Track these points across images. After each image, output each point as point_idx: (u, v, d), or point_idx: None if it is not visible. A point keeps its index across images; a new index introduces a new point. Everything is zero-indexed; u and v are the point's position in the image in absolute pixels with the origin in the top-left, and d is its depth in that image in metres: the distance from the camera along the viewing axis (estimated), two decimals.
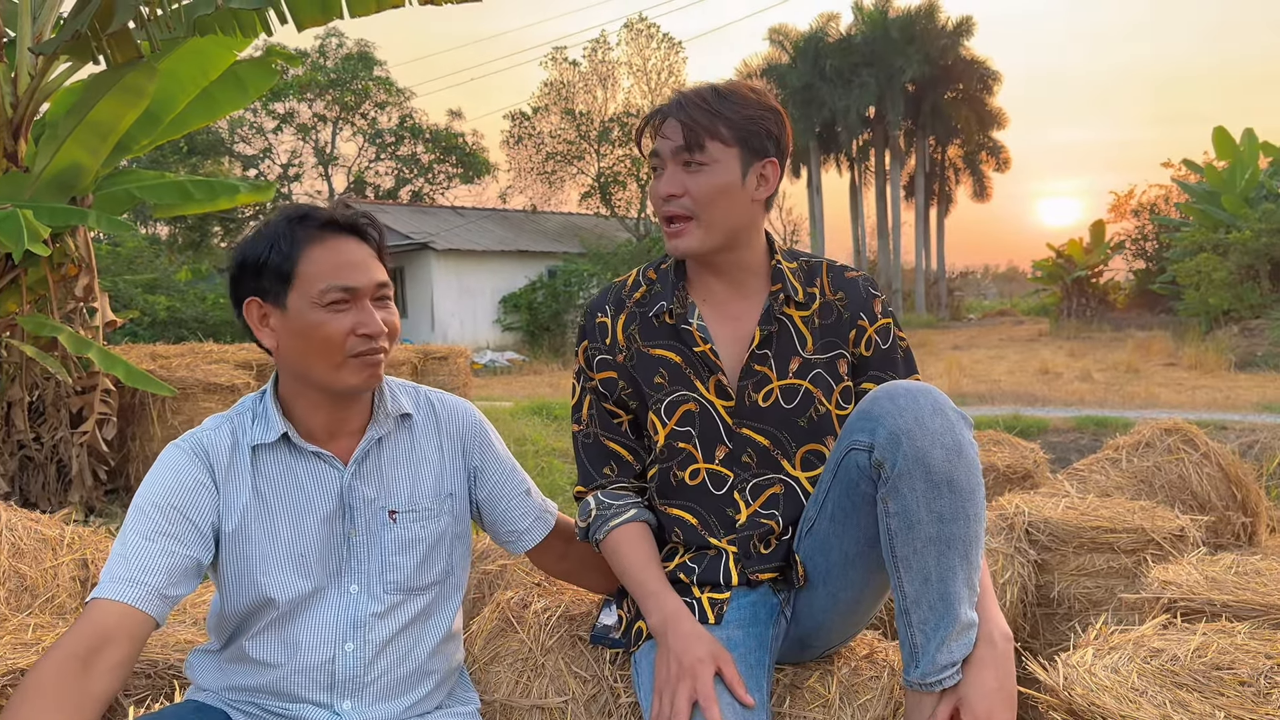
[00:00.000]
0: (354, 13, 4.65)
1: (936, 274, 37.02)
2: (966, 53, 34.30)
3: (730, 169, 1.67)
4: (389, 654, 1.58)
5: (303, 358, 1.51)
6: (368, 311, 1.50)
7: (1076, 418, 8.07)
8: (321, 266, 1.48)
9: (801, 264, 1.79)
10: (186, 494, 1.49)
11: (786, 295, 1.74)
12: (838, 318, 1.76)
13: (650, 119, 1.73)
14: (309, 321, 1.48)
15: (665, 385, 1.74)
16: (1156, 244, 24.09)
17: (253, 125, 30.08)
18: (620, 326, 1.79)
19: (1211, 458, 3.48)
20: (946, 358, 15.92)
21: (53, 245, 5.17)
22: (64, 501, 5.25)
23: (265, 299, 1.51)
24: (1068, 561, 2.85)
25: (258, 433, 1.55)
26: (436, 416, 1.70)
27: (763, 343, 1.72)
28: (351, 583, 1.57)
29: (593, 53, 29.31)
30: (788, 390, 1.72)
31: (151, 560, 1.43)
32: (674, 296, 1.74)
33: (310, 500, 1.56)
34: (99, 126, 5.01)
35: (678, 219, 1.68)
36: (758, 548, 1.72)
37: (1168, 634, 1.78)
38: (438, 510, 1.64)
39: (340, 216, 1.53)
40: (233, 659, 1.57)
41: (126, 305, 15.77)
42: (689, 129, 1.65)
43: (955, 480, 1.45)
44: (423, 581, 1.62)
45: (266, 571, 1.53)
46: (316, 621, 1.55)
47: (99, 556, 2.78)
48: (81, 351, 5.01)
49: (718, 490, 1.73)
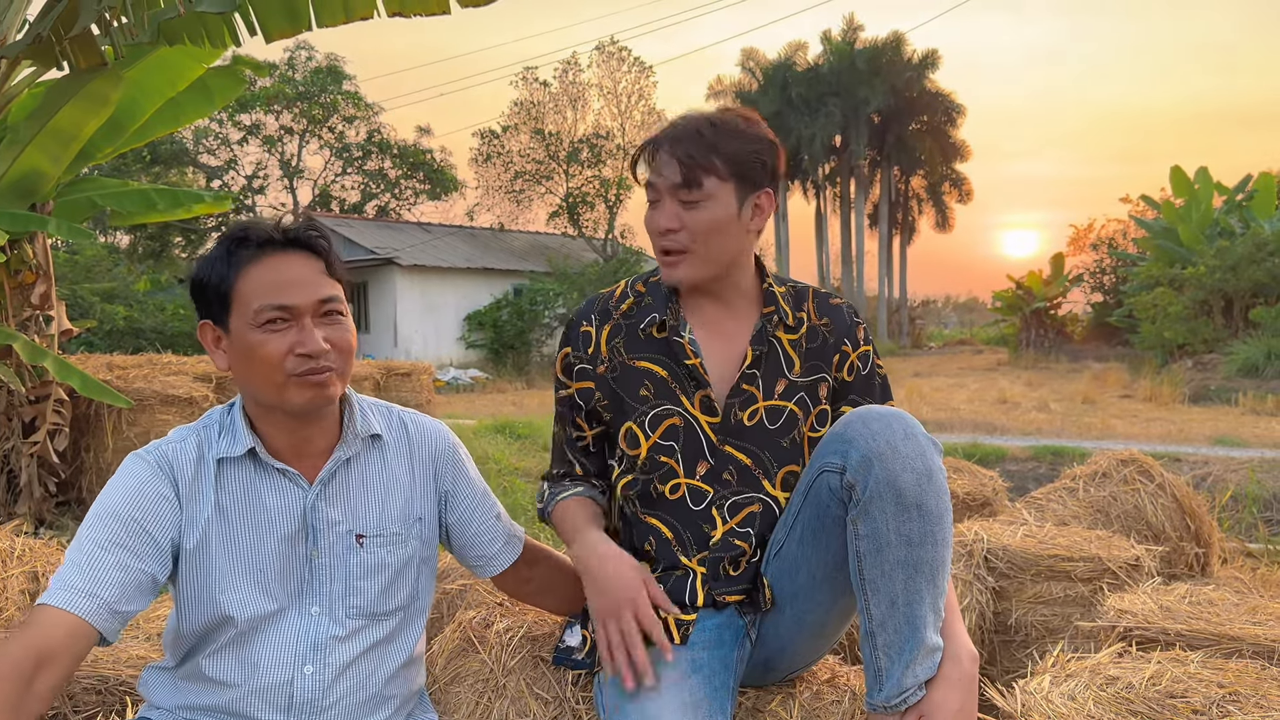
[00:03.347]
0: (322, 23, 4.62)
1: (899, 302, 37.46)
2: (931, 85, 34.92)
3: (727, 204, 1.68)
4: (348, 678, 1.55)
5: (248, 379, 1.49)
6: (307, 330, 1.46)
7: (1034, 447, 8.17)
8: (257, 286, 1.45)
9: (790, 288, 1.82)
10: (148, 506, 1.46)
11: (779, 318, 1.75)
12: (823, 342, 1.78)
13: (644, 149, 1.73)
14: (248, 343, 1.45)
15: (650, 398, 1.74)
16: (1114, 277, 24.57)
17: (218, 136, 29.79)
18: (605, 337, 1.78)
19: (1166, 489, 3.54)
20: (907, 385, 16.07)
21: (10, 252, 5.08)
22: (13, 513, 5.12)
23: (215, 322, 1.50)
24: (1025, 589, 2.89)
25: (224, 446, 1.52)
26: (409, 438, 1.66)
27: (754, 363, 1.73)
28: (313, 604, 1.54)
29: (563, 74, 29.38)
30: (773, 411, 1.73)
31: (105, 572, 1.39)
32: (667, 309, 1.75)
33: (271, 518, 1.52)
34: (61, 133, 4.93)
35: (673, 251, 1.70)
36: (727, 570, 1.72)
37: (1123, 662, 1.81)
38: (405, 535, 1.61)
39: (279, 233, 1.49)
40: (188, 677, 1.54)
41: (84, 314, 15.52)
42: (686, 167, 1.65)
43: (925, 504, 1.47)
44: (387, 607, 1.59)
45: (225, 588, 1.49)
46: (276, 642, 1.52)
47: (49, 569, 2.72)
48: (36, 360, 4.91)
49: (696, 506, 1.73)
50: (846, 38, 34.49)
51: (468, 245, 27.67)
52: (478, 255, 26.91)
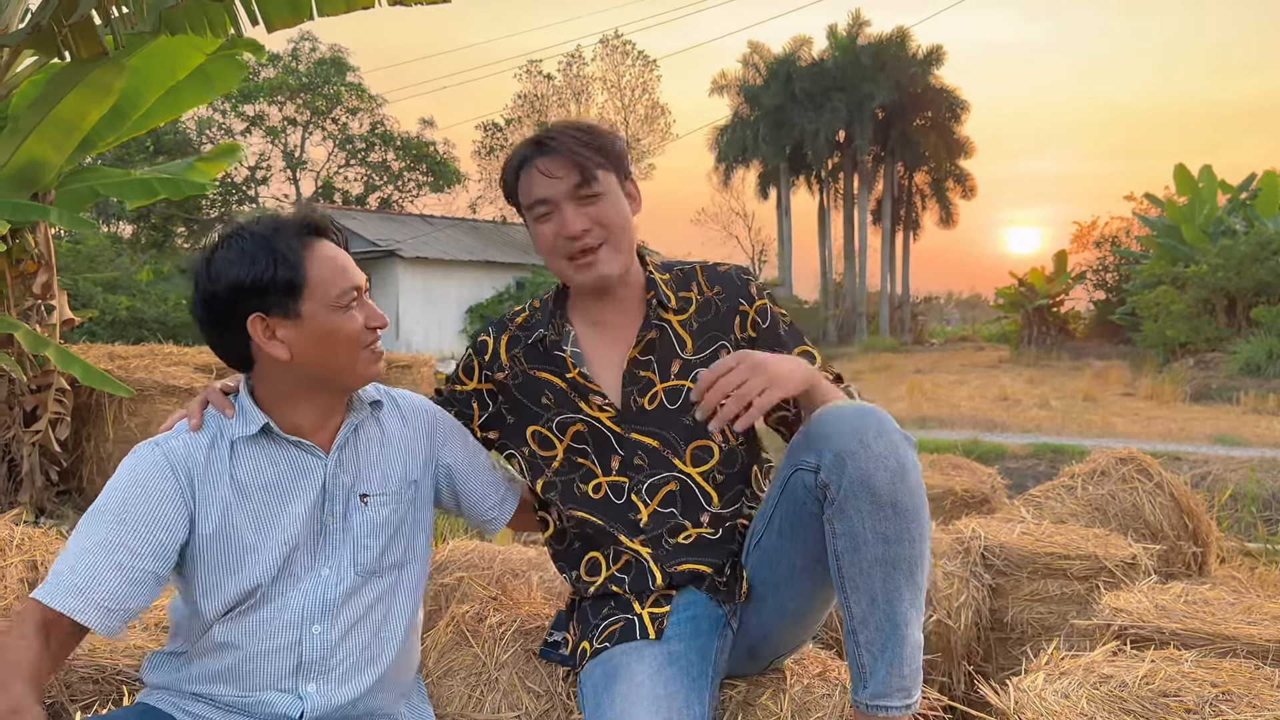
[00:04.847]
0: (323, 12, 4.61)
1: (901, 298, 37.39)
2: (936, 81, 34.80)
3: (617, 193, 1.75)
4: (353, 637, 1.60)
5: (324, 359, 1.54)
6: (370, 306, 1.58)
7: (1034, 444, 8.18)
8: (327, 271, 1.53)
9: (676, 273, 1.86)
10: (152, 502, 1.48)
11: (660, 301, 1.79)
12: (717, 311, 1.81)
13: (520, 170, 1.75)
14: (329, 324, 1.52)
15: (552, 406, 1.80)
16: (1117, 275, 24.52)
17: (221, 126, 29.79)
18: (504, 346, 1.85)
19: (1165, 488, 3.54)
20: (909, 381, 16.07)
21: (12, 241, 5.09)
22: (14, 502, 5.14)
23: (270, 313, 1.51)
24: (1022, 586, 2.89)
25: (237, 427, 1.56)
26: (400, 408, 1.75)
27: (645, 349, 1.77)
28: (324, 566, 1.59)
29: (567, 66, 29.41)
30: (671, 392, 1.77)
31: (99, 570, 1.41)
32: (550, 324, 1.81)
33: (293, 489, 1.57)
34: (63, 122, 4.93)
35: (590, 250, 1.72)
36: (670, 541, 1.74)
37: (1117, 660, 1.81)
38: (402, 495, 1.68)
39: (318, 219, 1.57)
40: (198, 650, 1.57)
41: (86, 304, 15.53)
42: (581, 163, 1.69)
43: (899, 502, 1.47)
44: (385, 563, 1.64)
45: (253, 562, 1.53)
46: (288, 605, 1.56)
47: (48, 559, 2.72)
48: (38, 350, 4.91)
49: (618, 500, 1.77)
50: (851, 32, 34.40)
51: (470, 238, 27.67)
52: (480, 248, 26.91)
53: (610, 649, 1.66)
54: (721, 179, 37.75)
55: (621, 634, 1.68)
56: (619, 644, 1.66)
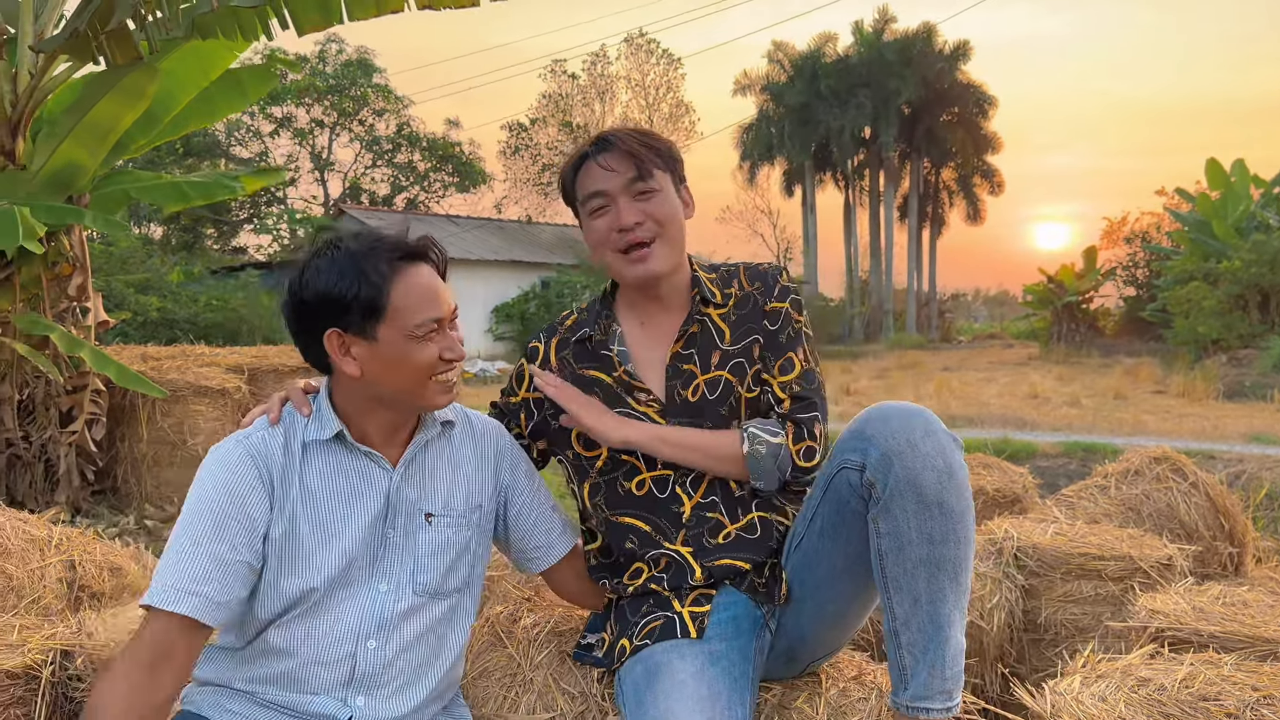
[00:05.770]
0: (353, 16, 4.65)
1: (928, 295, 37.16)
2: (963, 76, 34.55)
3: (671, 192, 1.79)
4: (408, 656, 1.61)
5: (391, 383, 1.55)
6: (450, 338, 1.57)
7: (1065, 443, 8.10)
8: (410, 299, 1.53)
9: (721, 273, 1.90)
10: (241, 497, 1.51)
11: (704, 297, 1.83)
12: (754, 305, 1.85)
13: (580, 164, 1.80)
14: (401, 352, 1.52)
15: (603, 404, 1.82)
16: (1148, 271, 24.23)
17: (250, 129, 30.08)
18: (553, 349, 1.89)
19: (1200, 487, 3.50)
20: (936, 379, 15.96)
21: (48, 244, 5.15)
22: (50, 501, 5.21)
23: (348, 330, 1.52)
24: (1055, 588, 2.86)
25: (312, 430, 1.59)
26: (473, 430, 1.76)
27: (687, 343, 1.81)
28: (381, 581, 1.60)
29: (592, 66, 29.43)
30: (710, 383, 1.80)
31: (204, 569, 1.45)
32: (596, 324, 1.85)
33: (358, 498, 1.59)
34: (98, 126, 5.00)
35: (642, 243, 1.75)
36: (710, 540, 1.76)
37: (1155, 663, 1.79)
38: (468, 518, 1.69)
39: (415, 244, 1.57)
40: (253, 653, 1.58)
41: (118, 305, 15.69)
42: (638, 159, 1.74)
43: (946, 503, 1.47)
44: (449, 586, 1.66)
45: (313, 566, 1.55)
46: (344, 616, 1.57)
47: (86, 559, 2.76)
48: (74, 351, 4.98)
49: (662, 494, 1.79)
50: (876, 28, 34.20)
51: (496, 238, 27.77)
52: (505, 248, 27.01)
53: (651, 646, 1.67)
54: (746, 177, 37.71)
55: (662, 632, 1.68)
56: (659, 642, 1.67)
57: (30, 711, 2.08)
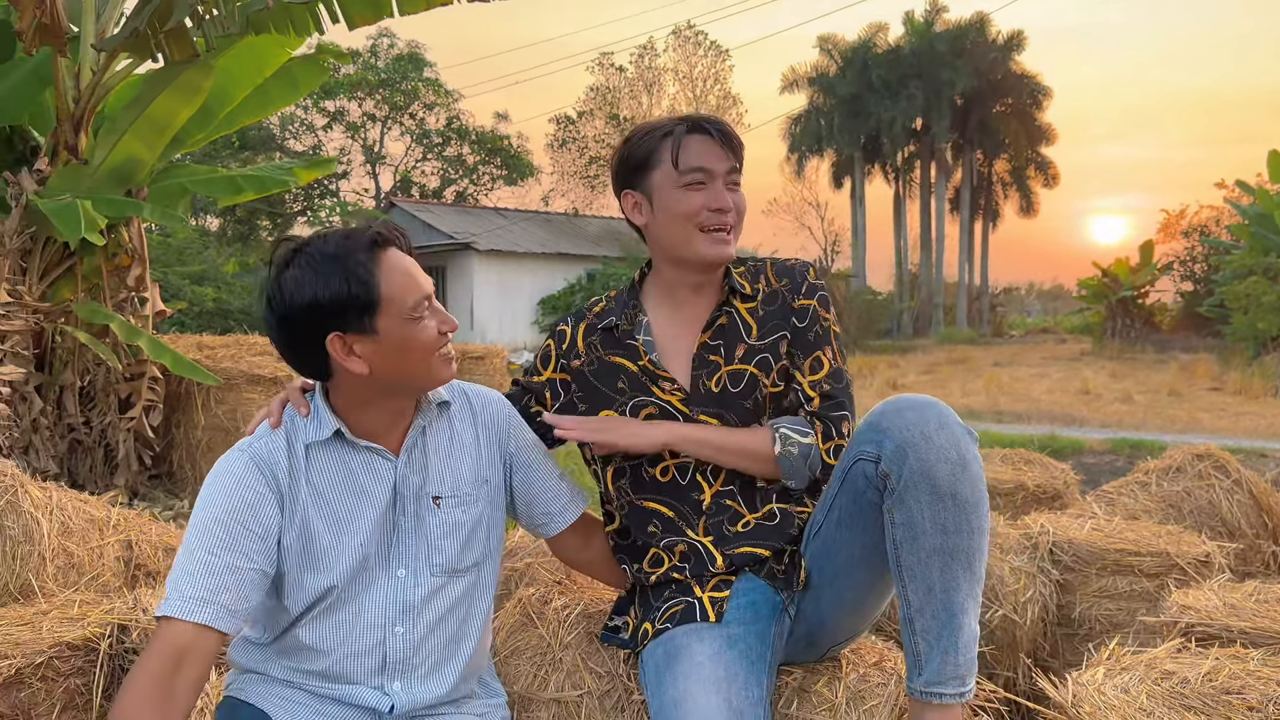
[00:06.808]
0: (404, 10, 4.74)
1: (979, 289, 36.66)
2: (1017, 67, 33.98)
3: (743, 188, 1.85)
4: (436, 636, 1.65)
5: (402, 369, 1.56)
6: (441, 311, 1.59)
7: (1113, 440, 7.99)
8: (398, 285, 1.53)
9: (749, 267, 1.93)
10: (249, 506, 1.53)
11: (734, 289, 1.86)
12: (782, 301, 1.87)
13: (692, 132, 1.81)
14: (404, 337, 1.53)
15: (626, 391, 1.86)
16: (1206, 266, 23.68)
17: (303, 122, 30.54)
18: (580, 334, 1.92)
19: (1243, 485, 3.46)
20: (987, 375, 15.79)
21: (108, 236, 5.31)
22: (110, 484, 5.38)
23: (348, 331, 1.52)
24: (1090, 583, 2.86)
25: (311, 431, 1.61)
26: (471, 406, 1.77)
27: (715, 334, 1.84)
28: (399, 567, 1.63)
29: (639, 58, 29.42)
30: (734, 375, 1.83)
31: (219, 578, 1.46)
32: (623, 313, 1.89)
33: (367, 492, 1.62)
34: (156, 121, 5.15)
35: (727, 229, 1.82)
36: (730, 529, 1.80)
37: (1180, 657, 1.80)
38: (476, 495, 1.71)
39: (383, 231, 1.57)
40: (285, 648, 1.63)
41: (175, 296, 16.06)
42: (736, 152, 1.82)
43: (959, 494, 1.50)
44: (465, 563, 1.69)
45: (330, 564, 1.58)
46: (367, 606, 1.61)
47: (142, 539, 2.88)
48: (132, 339, 5.14)
49: (684, 480, 1.83)
50: (928, 18, 33.77)
51: (543, 230, 27.93)
52: (552, 240, 27.15)
53: (671, 630, 1.72)
54: (794, 169, 37.46)
55: (682, 616, 1.73)
56: (680, 625, 1.72)
57: (89, 682, 2.18)
